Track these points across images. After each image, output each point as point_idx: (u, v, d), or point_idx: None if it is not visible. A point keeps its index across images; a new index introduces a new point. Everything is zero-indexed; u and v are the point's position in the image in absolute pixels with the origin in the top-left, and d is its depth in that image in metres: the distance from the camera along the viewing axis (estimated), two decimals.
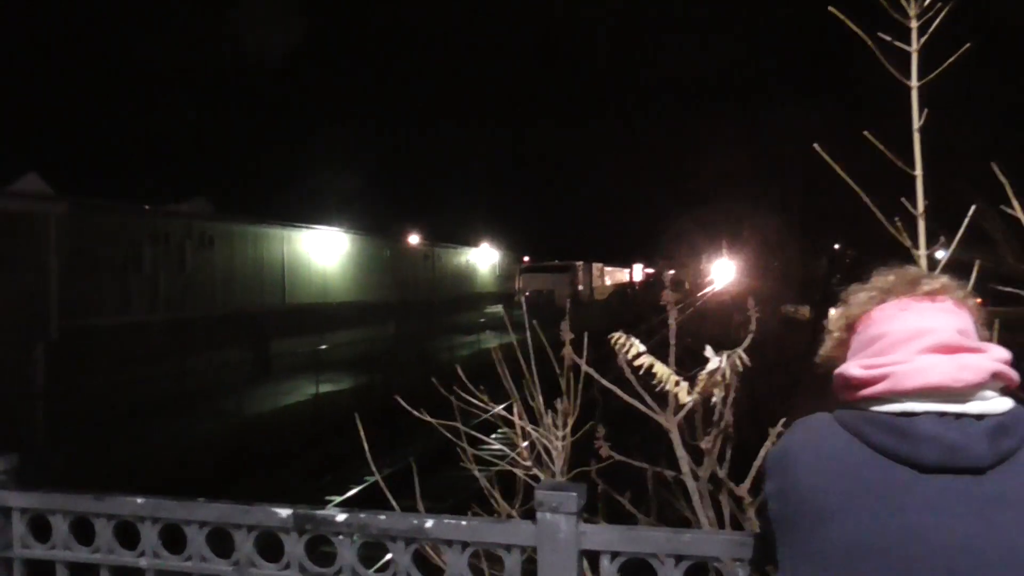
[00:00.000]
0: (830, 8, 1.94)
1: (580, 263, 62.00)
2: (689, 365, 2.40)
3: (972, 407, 1.16)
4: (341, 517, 1.85)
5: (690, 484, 2.47)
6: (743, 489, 2.31)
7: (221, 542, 2.00)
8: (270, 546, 1.97)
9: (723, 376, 2.05)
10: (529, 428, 2.68)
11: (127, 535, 2.05)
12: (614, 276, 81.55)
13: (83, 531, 2.08)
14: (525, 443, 2.71)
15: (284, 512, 1.88)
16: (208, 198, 26.05)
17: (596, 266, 70.16)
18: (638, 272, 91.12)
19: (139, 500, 1.99)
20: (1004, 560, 1.07)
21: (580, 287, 59.93)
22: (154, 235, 19.07)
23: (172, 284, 19.53)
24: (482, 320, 34.07)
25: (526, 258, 61.34)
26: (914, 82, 1.96)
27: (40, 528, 2.12)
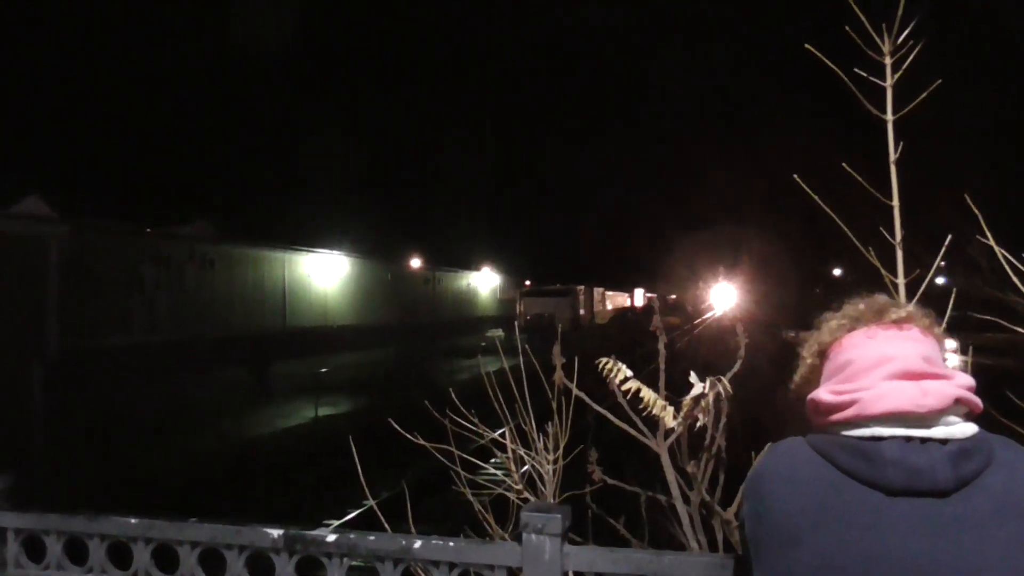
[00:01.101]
0: (806, 46, 2.00)
1: (581, 287, 62.04)
2: (685, 390, 2.43)
3: (936, 432, 1.20)
4: (331, 538, 1.88)
5: (680, 508, 2.49)
6: (730, 513, 2.33)
7: (213, 562, 2.02)
8: (261, 566, 1.99)
9: (707, 402, 2.07)
10: (521, 452, 2.71)
11: (120, 555, 2.07)
12: (615, 301, 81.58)
13: (77, 551, 2.10)
14: (519, 468, 2.73)
15: (275, 533, 1.91)
16: (210, 220, 26.21)
17: (597, 290, 70.20)
18: (639, 297, 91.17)
19: (132, 520, 2.02)
20: None
21: (581, 311, 59.92)
22: (155, 257, 19.17)
23: (173, 306, 19.58)
24: (483, 344, 34.08)
25: (527, 282, 61.43)
26: (889, 115, 2.01)
27: (34, 548, 2.15)
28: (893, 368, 1.25)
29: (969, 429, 1.22)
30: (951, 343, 1.54)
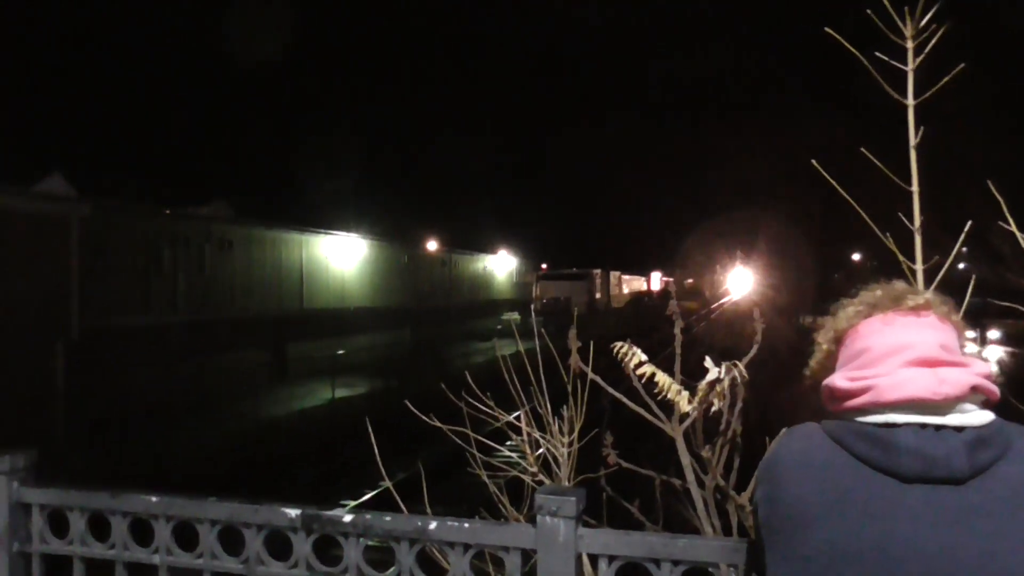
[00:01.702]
0: (826, 29, 1.98)
1: (597, 271, 61.95)
2: (702, 375, 2.43)
3: (952, 419, 1.20)
4: (347, 518, 1.90)
5: (695, 492, 2.50)
6: (744, 497, 2.34)
7: (232, 540, 2.05)
8: (280, 545, 2.03)
9: (722, 387, 2.08)
10: (536, 435, 2.72)
11: (141, 532, 2.11)
12: (631, 285, 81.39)
13: (99, 527, 2.14)
14: (533, 451, 2.74)
15: (292, 512, 1.94)
16: (228, 201, 26.34)
17: (614, 274, 70.07)
18: (656, 281, 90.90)
19: (153, 498, 2.05)
20: (980, 569, 1.10)
21: (597, 295, 59.85)
22: (174, 238, 19.32)
23: (191, 286, 19.76)
24: (499, 327, 34.14)
25: (544, 265, 61.38)
26: (910, 100, 1.99)
27: (58, 523, 2.19)
28: (910, 355, 1.25)
29: (986, 417, 1.22)
30: (970, 333, 1.53)
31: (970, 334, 1.60)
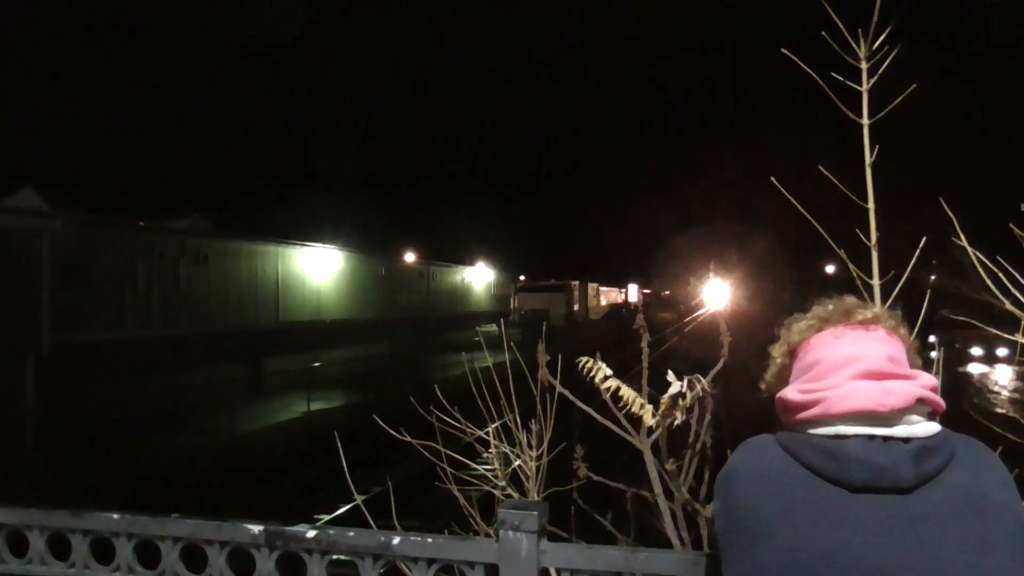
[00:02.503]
0: (783, 50, 2.02)
1: (576, 283, 62.08)
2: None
3: (898, 431, 1.23)
4: (311, 534, 1.90)
5: (663, 505, 2.52)
6: (710, 510, 2.35)
7: (196, 558, 2.04)
8: (243, 562, 2.01)
9: (685, 401, 2.10)
10: (505, 449, 2.73)
11: (103, 550, 2.09)
12: (609, 296, 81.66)
13: (59, 546, 2.12)
14: (504, 465, 2.75)
15: (255, 528, 1.93)
16: (203, 214, 26.15)
17: (592, 286, 70.25)
18: (633, 292, 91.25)
19: (115, 516, 2.03)
20: (927, 574, 1.13)
21: (575, 307, 59.98)
22: (148, 251, 19.13)
23: (166, 301, 19.55)
24: (476, 339, 33.99)
25: (522, 277, 61.44)
26: (865, 120, 2.04)
27: (17, 543, 2.16)
28: (858, 368, 1.28)
29: (932, 428, 1.25)
30: (931, 338, 1.56)
31: (932, 340, 1.63)
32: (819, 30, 2.03)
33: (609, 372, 2.22)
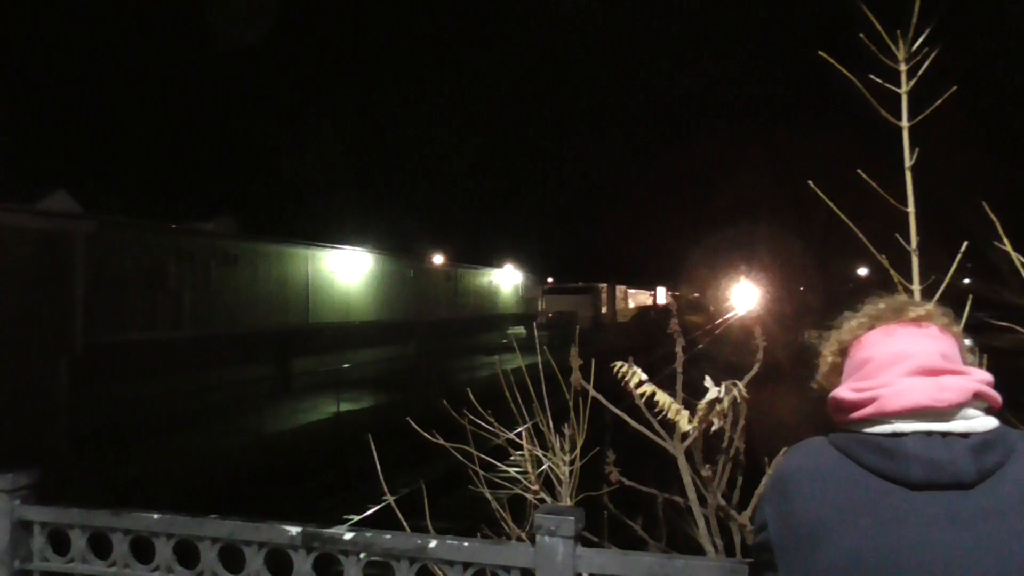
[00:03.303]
0: (820, 53, 2.00)
1: (603, 285, 61.98)
2: (704, 392, 2.43)
3: (956, 426, 1.22)
4: (348, 536, 1.91)
5: (696, 511, 2.50)
6: (746, 517, 2.33)
7: (232, 558, 2.06)
8: (280, 562, 2.03)
9: (721, 406, 2.08)
10: (538, 453, 2.72)
11: (142, 549, 2.12)
12: (637, 299, 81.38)
13: (100, 545, 2.15)
14: (536, 468, 2.74)
15: (293, 530, 1.94)
16: (233, 216, 26.44)
17: (619, 288, 70.07)
18: (661, 295, 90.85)
19: (154, 516, 2.06)
20: (992, 570, 1.12)
21: (603, 309, 59.87)
22: (179, 253, 19.38)
23: (196, 302, 19.79)
24: (504, 341, 34.05)
25: (549, 279, 61.40)
26: (904, 122, 2.01)
27: (59, 541, 2.20)
28: (911, 365, 1.27)
29: (990, 423, 1.24)
30: (968, 342, 1.54)
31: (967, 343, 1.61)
32: (856, 32, 2.00)
33: (644, 377, 2.21)
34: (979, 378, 1.27)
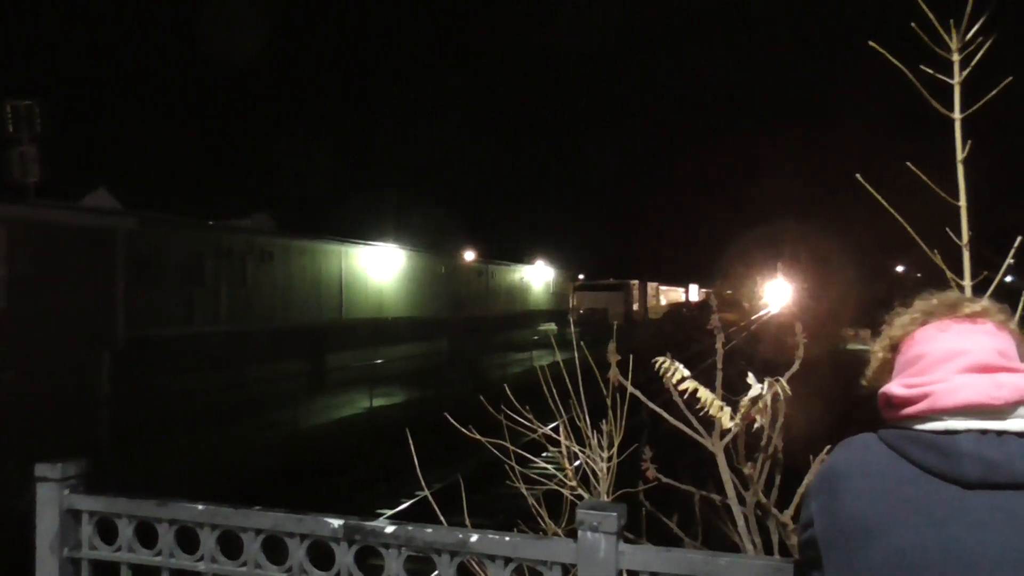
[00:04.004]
0: (870, 43, 1.96)
1: (635, 282, 61.70)
2: (741, 389, 2.41)
3: (1012, 424, 1.19)
4: (389, 529, 1.92)
5: (735, 509, 2.47)
6: (787, 515, 2.30)
7: (275, 549, 2.08)
8: (320, 554, 2.05)
9: (764, 403, 2.05)
10: (575, 449, 2.72)
11: (186, 539, 2.15)
12: (669, 295, 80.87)
13: (145, 534, 2.19)
14: (571, 464, 2.74)
15: (335, 522, 1.96)
16: (269, 213, 26.75)
17: (651, 285, 69.70)
18: (694, 292, 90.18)
19: (199, 507, 2.09)
20: None
21: (634, 306, 59.60)
22: (216, 250, 19.66)
23: (233, 297, 20.07)
24: (535, 337, 34.05)
25: (580, 276, 61.24)
26: (957, 114, 1.96)
27: (105, 530, 2.24)
28: (966, 361, 1.24)
29: None
30: None
31: None
32: (907, 22, 1.96)
33: (686, 373, 2.19)
34: None
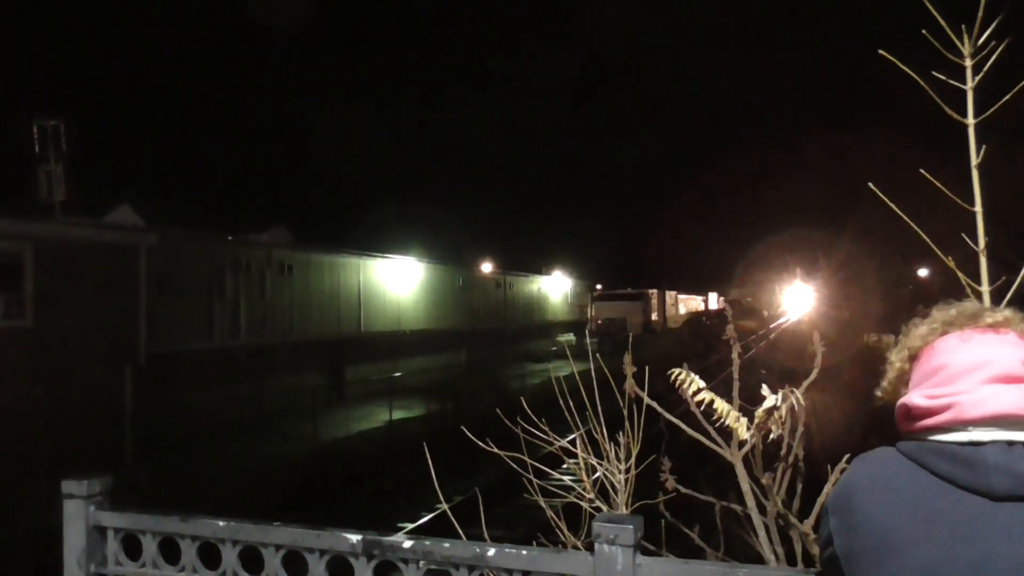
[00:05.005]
0: (880, 52, 1.96)
1: (653, 291, 61.43)
2: (761, 398, 2.40)
3: None
4: (407, 544, 1.93)
5: (755, 519, 2.46)
6: (808, 525, 2.29)
7: (295, 564, 2.10)
8: (341, 570, 2.06)
9: (780, 414, 2.05)
10: (593, 461, 2.71)
11: (209, 555, 2.17)
12: (688, 304, 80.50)
13: (169, 549, 2.21)
14: (590, 476, 2.74)
15: (354, 537, 1.97)
16: (287, 227, 26.96)
17: (670, 294, 69.39)
18: (713, 300, 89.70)
19: (220, 523, 2.11)
20: None
21: (653, 315, 59.35)
22: (236, 264, 19.83)
23: (253, 311, 20.22)
24: (553, 348, 33.97)
25: (599, 286, 61.09)
26: (970, 119, 1.96)
27: (130, 546, 2.27)
28: (991, 372, 1.22)
29: None
30: None
31: None
32: (919, 28, 1.96)
33: (701, 384, 2.19)
34: None
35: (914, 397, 1.28)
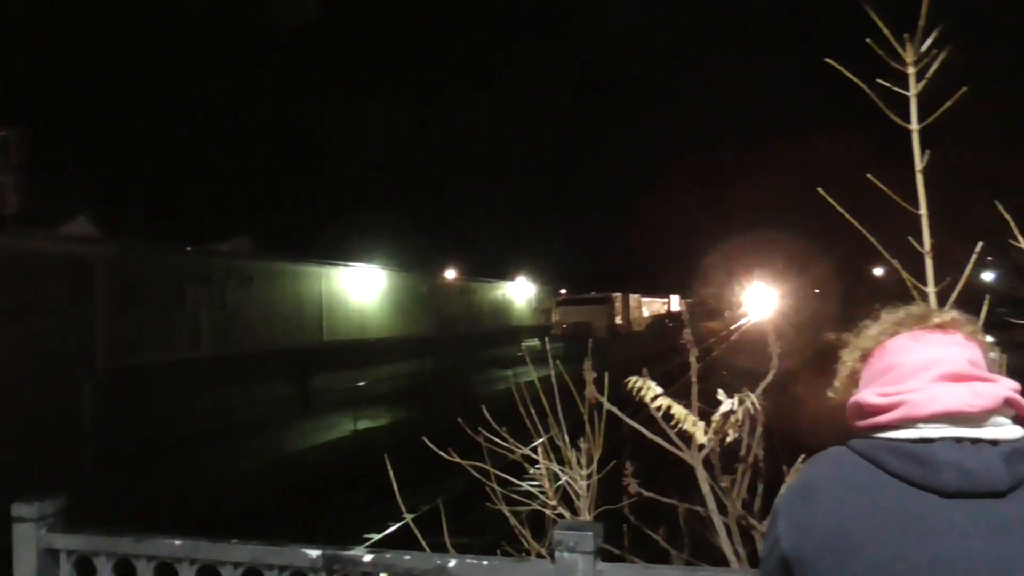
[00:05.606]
0: (826, 60, 2.00)
1: (617, 295, 61.80)
2: (719, 402, 2.42)
3: (986, 433, 1.20)
4: (368, 557, 1.92)
5: (716, 520, 2.49)
6: (765, 525, 2.32)
7: None
8: None
9: (736, 418, 2.08)
10: (554, 467, 2.72)
11: (166, 574, 2.14)
12: (652, 307, 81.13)
13: (125, 571, 2.17)
14: (553, 483, 2.74)
15: (313, 553, 1.95)
16: (249, 236, 26.64)
17: (633, 297, 69.87)
18: (676, 302, 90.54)
19: (177, 542, 2.08)
20: None
21: (618, 319, 59.69)
22: (196, 275, 19.54)
23: (214, 322, 19.93)
24: (519, 354, 33.98)
25: (563, 291, 61.30)
26: (914, 125, 2.01)
27: (85, 568, 2.22)
28: (941, 370, 1.26)
29: (1018, 431, 1.22)
30: (988, 339, 1.53)
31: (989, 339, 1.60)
32: (864, 35, 2.00)
33: (659, 391, 2.21)
34: (1008, 385, 1.26)
35: (866, 395, 1.30)
